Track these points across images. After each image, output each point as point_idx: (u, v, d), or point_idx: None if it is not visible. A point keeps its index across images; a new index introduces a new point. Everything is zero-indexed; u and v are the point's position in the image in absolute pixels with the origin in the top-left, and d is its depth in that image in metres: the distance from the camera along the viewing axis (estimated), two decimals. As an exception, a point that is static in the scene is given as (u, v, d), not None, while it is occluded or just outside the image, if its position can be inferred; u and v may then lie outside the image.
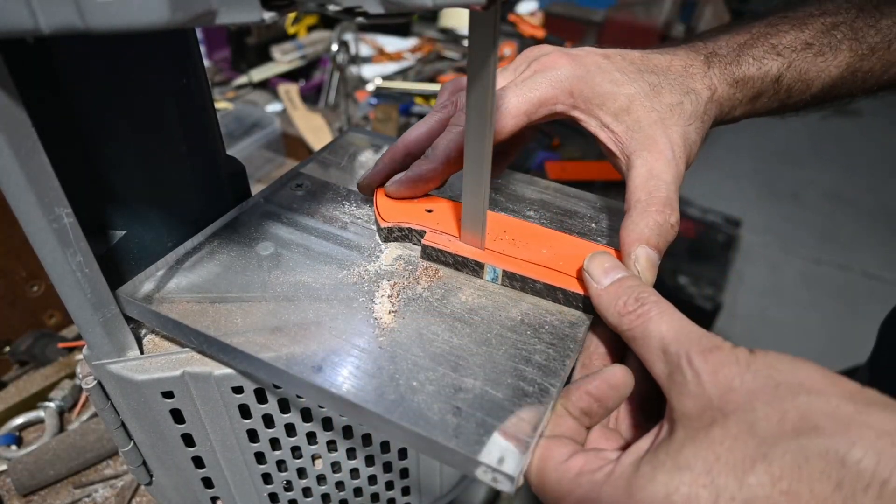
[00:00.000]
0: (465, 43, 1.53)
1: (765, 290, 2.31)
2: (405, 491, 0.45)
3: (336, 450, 0.41)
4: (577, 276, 0.37)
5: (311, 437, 0.39)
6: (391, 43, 1.51)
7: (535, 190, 0.47)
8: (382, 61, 1.42)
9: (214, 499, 0.44)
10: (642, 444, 0.27)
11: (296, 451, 0.40)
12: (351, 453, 0.42)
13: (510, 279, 0.38)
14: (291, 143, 1.15)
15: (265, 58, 1.32)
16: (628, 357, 0.35)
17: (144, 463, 0.42)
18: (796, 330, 2.10)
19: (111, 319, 0.33)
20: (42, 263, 0.29)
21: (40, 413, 0.63)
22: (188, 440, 0.39)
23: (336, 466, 0.42)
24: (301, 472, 0.42)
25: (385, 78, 1.32)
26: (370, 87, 1.28)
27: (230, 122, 1.13)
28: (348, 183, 0.48)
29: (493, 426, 0.29)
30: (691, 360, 0.26)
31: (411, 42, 1.53)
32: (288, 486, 0.43)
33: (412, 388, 0.31)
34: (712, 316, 2.07)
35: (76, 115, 0.33)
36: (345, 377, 0.31)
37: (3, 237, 0.63)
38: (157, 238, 0.40)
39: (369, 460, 0.42)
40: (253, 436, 0.38)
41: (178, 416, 0.37)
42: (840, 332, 2.08)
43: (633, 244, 0.35)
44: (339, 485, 0.44)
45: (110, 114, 0.34)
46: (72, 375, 0.66)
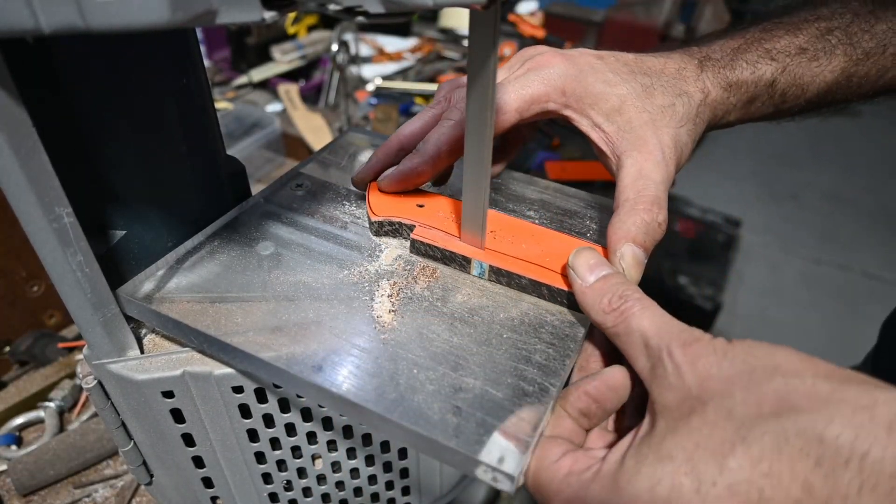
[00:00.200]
0: (465, 43, 1.53)
1: (765, 290, 2.31)
2: (405, 491, 0.45)
3: (336, 449, 0.41)
4: (563, 273, 0.37)
5: (311, 437, 0.39)
6: (391, 43, 1.51)
7: (535, 190, 0.47)
8: (382, 61, 1.42)
9: (214, 499, 0.44)
10: (626, 440, 0.28)
11: (296, 450, 0.40)
12: (351, 453, 0.42)
13: (496, 274, 0.38)
14: (291, 143, 1.15)
15: (265, 58, 1.32)
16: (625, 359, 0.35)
17: (144, 463, 0.42)
18: (796, 330, 2.10)
19: (111, 319, 0.33)
20: (42, 263, 0.29)
21: (40, 413, 0.63)
22: (188, 440, 0.39)
23: (336, 466, 0.42)
24: (301, 472, 0.42)
25: (385, 78, 1.32)
26: (370, 87, 1.28)
27: (230, 122, 1.13)
28: (348, 183, 0.48)
29: (493, 426, 0.29)
30: (672, 353, 0.26)
31: (411, 42, 1.53)
32: (288, 486, 0.43)
33: (412, 387, 0.31)
34: (712, 316, 2.06)
35: (76, 115, 0.33)
36: (345, 377, 0.31)
37: (3, 237, 0.63)
38: (157, 238, 0.40)
39: (369, 460, 0.42)
40: (253, 435, 0.38)
41: (178, 415, 0.37)
42: (840, 332, 2.08)
43: (619, 242, 0.36)
44: (339, 484, 0.44)
45: (110, 114, 0.34)
46: (72, 375, 0.66)
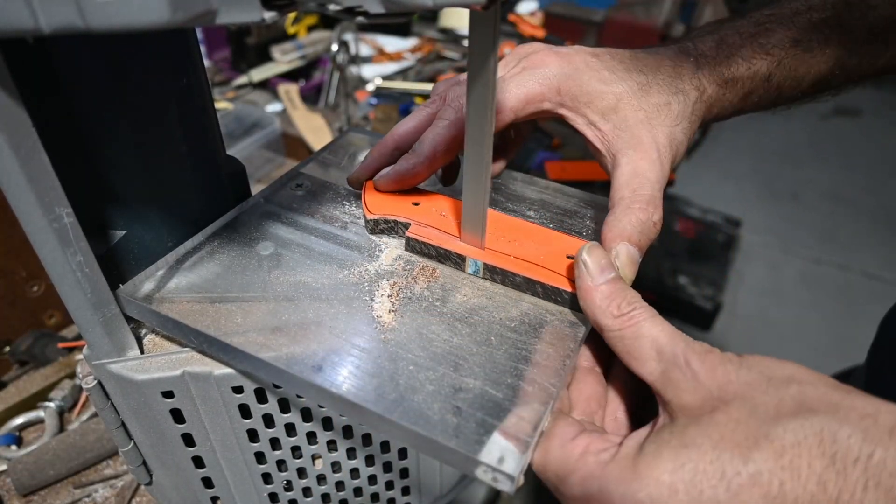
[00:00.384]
0: (465, 43, 1.53)
1: (765, 290, 2.31)
2: (405, 491, 0.45)
3: (336, 450, 0.41)
4: (557, 271, 0.37)
5: (311, 437, 0.39)
6: (391, 43, 1.51)
7: (535, 190, 0.47)
8: (382, 61, 1.42)
9: (214, 499, 0.44)
10: (644, 430, 0.29)
11: (296, 450, 0.40)
12: (351, 453, 0.42)
13: (491, 272, 0.38)
14: (291, 143, 1.15)
15: (265, 58, 1.32)
16: (615, 364, 0.36)
17: (144, 463, 0.42)
18: (796, 330, 2.10)
19: (111, 319, 0.33)
20: (42, 263, 0.29)
21: (40, 413, 0.63)
22: (188, 440, 0.39)
23: (336, 466, 0.42)
24: (301, 472, 0.42)
25: (385, 78, 1.32)
26: (370, 87, 1.28)
27: (230, 122, 1.13)
28: (351, 187, 0.48)
29: (493, 426, 0.29)
30: (689, 361, 0.28)
31: (411, 42, 1.53)
32: (288, 486, 0.43)
33: (412, 387, 0.31)
34: (712, 316, 2.07)
35: (76, 115, 0.33)
36: (345, 377, 0.31)
37: (3, 237, 0.63)
38: (157, 238, 0.40)
39: (369, 460, 0.42)
40: (253, 435, 0.38)
41: (178, 415, 0.37)
42: (840, 332, 2.08)
43: (614, 240, 0.36)
44: (339, 485, 0.44)
45: (110, 114, 0.34)
46: (72, 375, 0.66)
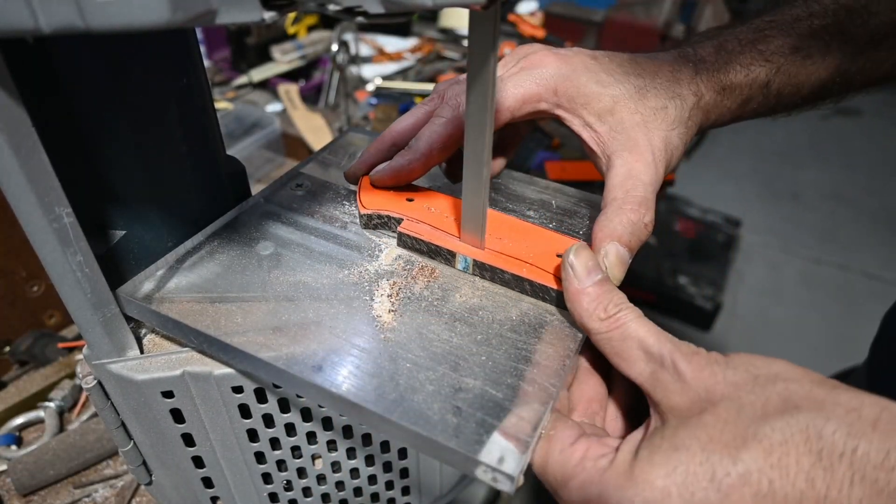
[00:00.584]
0: (465, 43, 1.53)
1: (765, 290, 2.31)
2: (405, 491, 0.45)
3: (336, 449, 0.41)
4: (546, 269, 0.37)
5: (311, 437, 0.39)
6: (391, 43, 1.51)
7: (535, 190, 0.47)
8: (382, 61, 1.42)
9: (214, 499, 0.44)
10: (638, 433, 0.29)
11: (296, 450, 0.40)
12: (351, 453, 0.42)
13: (480, 269, 0.38)
14: (291, 143, 1.15)
15: (265, 58, 1.32)
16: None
17: (144, 463, 0.42)
18: (796, 330, 2.10)
19: (111, 319, 0.33)
20: (42, 263, 0.29)
21: (40, 413, 0.63)
22: (188, 440, 0.39)
23: (336, 466, 0.42)
24: (301, 472, 0.42)
25: (385, 78, 1.32)
26: (370, 87, 1.28)
27: (230, 122, 1.13)
28: (348, 183, 0.48)
29: (493, 426, 0.29)
30: (675, 362, 0.28)
31: (411, 42, 1.52)
32: (288, 486, 0.43)
33: (412, 387, 0.31)
34: (712, 316, 2.07)
35: (76, 115, 0.33)
36: (345, 377, 0.31)
37: (3, 237, 0.63)
38: (157, 238, 0.40)
39: (369, 460, 0.42)
40: (253, 435, 0.38)
41: (178, 415, 0.37)
42: (840, 332, 2.08)
43: (604, 240, 0.36)
44: (339, 484, 0.44)
45: (110, 114, 0.34)
46: (72, 375, 0.66)
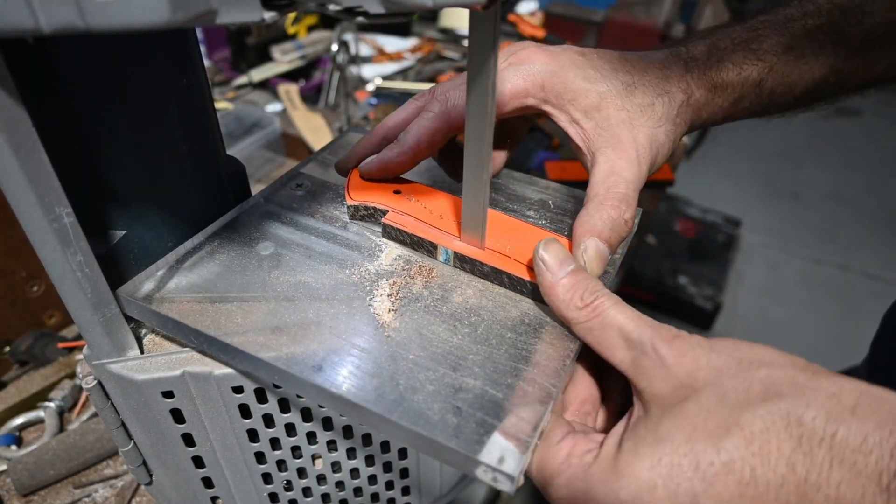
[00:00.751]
0: (465, 43, 1.53)
1: (765, 290, 2.31)
2: (405, 491, 0.45)
3: (336, 449, 0.41)
4: (524, 262, 0.37)
5: (311, 437, 0.39)
6: (391, 43, 1.51)
7: (535, 190, 0.47)
8: (382, 61, 1.42)
9: (214, 499, 0.44)
10: (620, 425, 0.29)
11: (296, 450, 0.40)
12: (351, 453, 0.42)
13: (461, 261, 0.39)
14: (291, 143, 1.15)
15: (265, 58, 1.32)
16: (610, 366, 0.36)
17: (144, 463, 0.42)
18: (796, 330, 2.10)
19: (111, 319, 0.33)
20: (42, 263, 0.29)
21: (40, 413, 0.63)
22: (188, 440, 0.39)
23: (336, 466, 0.42)
24: (301, 472, 0.42)
25: (385, 78, 1.32)
26: (370, 87, 1.28)
27: (230, 122, 1.13)
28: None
29: (493, 426, 0.29)
30: (656, 348, 0.28)
31: (411, 42, 1.52)
32: (288, 486, 0.43)
33: (412, 387, 0.31)
34: (712, 316, 2.07)
35: (76, 115, 0.33)
36: (345, 377, 0.31)
37: (3, 237, 0.63)
38: (157, 238, 0.40)
39: (369, 460, 0.42)
40: (253, 435, 0.38)
41: (178, 415, 0.37)
42: (840, 332, 2.08)
43: (584, 235, 0.36)
44: (339, 484, 0.44)
45: (110, 114, 0.34)
46: (72, 375, 0.66)
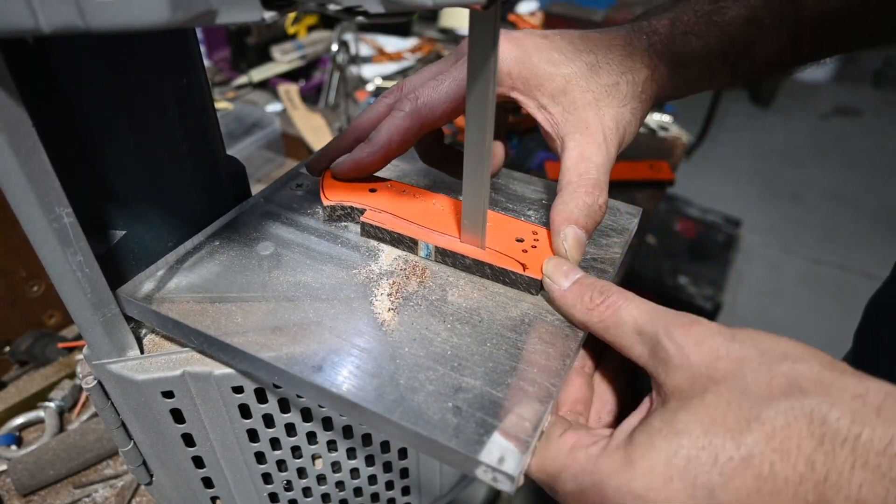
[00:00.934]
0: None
1: (765, 290, 2.31)
2: (405, 491, 0.45)
3: (336, 449, 0.41)
4: (505, 254, 0.38)
5: (312, 437, 0.39)
6: (391, 43, 1.51)
7: (535, 190, 0.47)
8: (382, 61, 1.42)
9: (214, 499, 0.44)
10: (632, 420, 0.29)
11: (296, 450, 0.40)
12: (351, 453, 0.42)
13: (442, 255, 0.39)
14: (291, 143, 1.15)
15: (265, 58, 1.32)
16: (604, 361, 0.36)
17: (144, 463, 0.42)
18: (796, 330, 2.10)
19: (111, 319, 0.33)
20: (42, 263, 0.29)
21: (40, 413, 0.63)
22: (188, 440, 0.39)
23: (336, 466, 0.42)
24: (301, 472, 0.42)
25: (385, 78, 1.32)
26: (370, 87, 1.28)
27: (230, 122, 1.13)
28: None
29: (493, 426, 0.29)
30: (672, 335, 0.27)
31: (411, 42, 1.52)
32: (288, 486, 0.43)
33: (412, 387, 0.31)
34: (712, 316, 2.07)
35: (76, 115, 0.33)
36: (345, 377, 0.31)
37: (3, 237, 0.63)
38: (157, 238, 0.40)
39: (369, 460, 0.42)
40: (253, 435, 0.38)
41: (178, 415, 0.37)
42: (840, 332, 2.08)
43: (562, 224, 0.37)
44: (339, 484, 0.44)
45: (110, 114, 0.34)
46: (72, 375, 0.66)
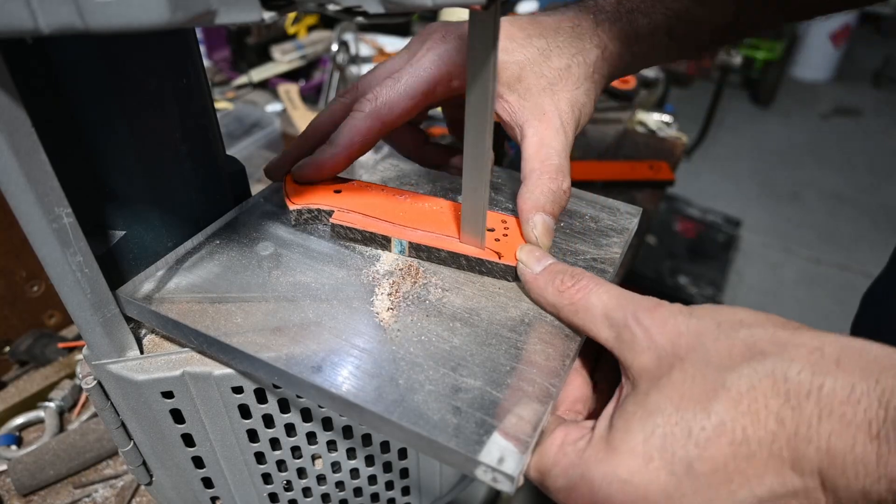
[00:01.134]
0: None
1: (765, 290, 2.31)
2: (405, 491, 0.45)
3: (336, 450, 0.41)
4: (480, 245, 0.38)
5: (311, 437, 0.39)
6: (391, 43, 1.51)
7: (535, 190, 0.47)
8: (382, 61, 1.42)
9: (214, 499, 0.44)
10: (610, 406, 0.29)
11: (296, 451, 0.40)
12: (351, 453, 0.42)
13: (416, 250, 0.39)
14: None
15: (265, 58, 1.32)
16: (601, 364, 0.36)
17: (144, 463, 0.42)
18: (796, 330, 2.10)
19: (111, 319, 0.33)
20: (42, 263, 0.29)
21: (40, 413, 0.63)
22: (188, 440, 0.39)
23: (336, 466, 0.42)
24: (301, 472, 0.42)
25: (385, 78, 1.31)
26: (370, 87, 1.28)
27: (230, 122, 1.13)
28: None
29: (493, 426, 0.29)
30: (639, 319, 0.28)
31: (411, 42, 1.52)
32: (288, 486, 0.43)
33: (412, 387, 0.31)
34: (712, 316, 2.06)
35: (75, 115, 0.33)
36: (344, 377, 0.31)
37: (3, 237, 0.63)
38: (157, 238, 0.40)
39: (369, 460, 0.42)
40: (253, 436, 0.38)
41: (178, 416, 0.37)
42: (840, 332, 2.08)
43: (529, 212, 0.38)
44: (339, 485, 0.44)
45: (110, 114, 0.34)
46: (72, 375, 0.66)
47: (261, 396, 0.36)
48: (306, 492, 0.43)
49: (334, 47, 1.16)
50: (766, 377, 0.24)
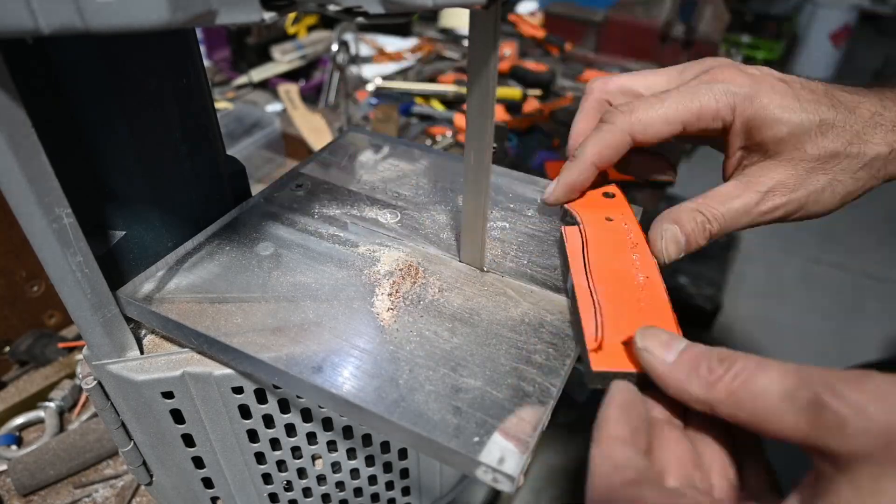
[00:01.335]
0: (465, 43, 1.53)
1: (765, 290, 2.31)
2: (405, 491, 0.45)
3: (336, 450, 0.41)
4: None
5: (312, 438, 0.39)
6: (391, 43, 1.51)
7: (536, 190, 0.47)
8: (382, 61, 1.42)
9: (214, 499, 0.44)
10: (796, 497, 0.24)
11: (296, 451, 0.40)
12: (351, 453, 0.42)
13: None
14: (291, 143, 1.15)
15: (265, 58, 1.32)
16: (692, 412, 0.30)
17: (144, 463, 0.42)
18: (796, 330, 2.10)
19: (111, 320, 0.33)
20: (42, 263, 0.29)
21: (40, 413, 0.63)
22: (188, 440, 0.39)
23: (336, 466, 0.42)
24: (301, 473, 0.42)
25: (385, 78, 1.32)
26: (370, 87, 1.28)
27: (230, 122, 1.13)
28: (348, 183, 0.48)
29: (493, 426, 0.29)
30: (841, 395, 0.22)
31: (411, 42, 1.52)
32: (288, 487, 0.43)
33: (412, 388, 0.31)
34: (712, 316, 2.06)
35: (76, 115, 0.33)
36: (345, 377, 0.31)
37: (3, 237, 0.63)
38: (157, 238, 0.40)
39: (369, 460, 0.42)
40: (253, 436, 0.38)
41: (178, 416, 0.37)
42: (840, 332, 2.08)
43: (664, 218, 0.38)
44: (340, 485, 0.44)
45: (110, 114, 0.34)
46: (72, 375, 0.66)
47: (261, 397, 0.36)
48: (306, 492, 0.43)
49: (334, 47, 1.16)
50: None
